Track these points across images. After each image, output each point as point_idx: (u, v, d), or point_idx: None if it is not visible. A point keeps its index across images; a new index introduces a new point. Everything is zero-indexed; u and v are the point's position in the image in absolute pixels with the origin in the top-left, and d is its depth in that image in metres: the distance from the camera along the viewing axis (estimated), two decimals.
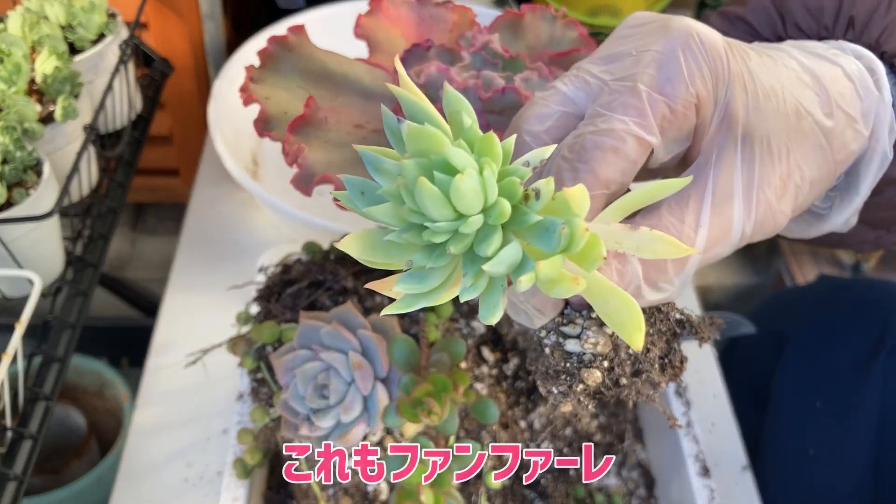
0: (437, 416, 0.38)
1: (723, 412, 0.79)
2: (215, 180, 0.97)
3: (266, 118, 0.45)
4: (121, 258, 1.26)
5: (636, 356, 0.34)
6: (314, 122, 0.42)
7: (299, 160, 0.40)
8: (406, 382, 0.40)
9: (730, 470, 0.75)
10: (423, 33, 0.51)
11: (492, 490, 0.54)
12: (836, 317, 0.86)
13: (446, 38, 0.51)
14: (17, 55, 0.68)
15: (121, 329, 1.26)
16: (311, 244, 0.60)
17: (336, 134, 0.43)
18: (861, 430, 0.77)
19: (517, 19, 0.50)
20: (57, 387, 0.62)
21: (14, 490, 0.55)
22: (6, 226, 0.60)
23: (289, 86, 0.47)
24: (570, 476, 0.62)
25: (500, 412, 0.51)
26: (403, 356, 0.42)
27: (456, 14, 0.52)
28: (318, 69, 0.48)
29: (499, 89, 0.40)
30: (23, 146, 0.63)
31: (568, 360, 0.32)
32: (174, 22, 0.96)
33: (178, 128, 1.08)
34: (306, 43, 0.49)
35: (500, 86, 0.40)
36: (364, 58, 0.49)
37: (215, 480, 0.71)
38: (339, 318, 0.45)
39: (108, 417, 1.15)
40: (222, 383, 0.73)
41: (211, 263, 0.89)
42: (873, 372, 0.78)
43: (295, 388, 0.44)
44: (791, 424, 0.82)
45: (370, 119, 0.45)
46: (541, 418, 0.56)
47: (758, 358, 0.89)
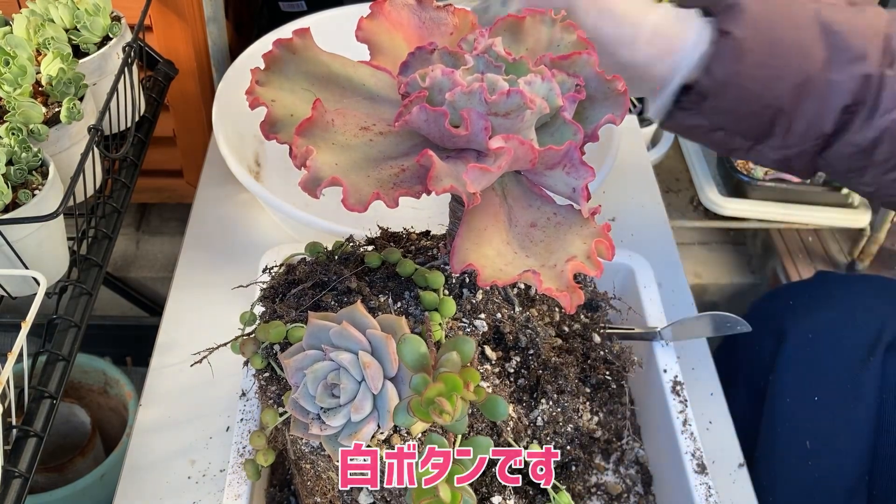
0: (450, 415, 0.39)
1: (719, 410, 0.79)
2: (219, 181, 0.98)
3: (272, 121, 0.46)
4: (125, 258, 1.27)
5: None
6: (321, 124, 0.43)
7: (307, 163, 0.40)
8: (417, 382, 0.41)
9: (726, 467, 0.75)
10: (424, 36, 0.51)
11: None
12: (834, 313, 0.86)
13: (447, 41, 0.51)
14: (22, 57, 0.68)
15: (125, 328, 1.27)
16: (314, 244, 0.60)
17: (343, 136, 0.43)
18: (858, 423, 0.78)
19: (517, 23, 0.50)
20: (61, 385, 0.62)
21: (19, 487, 0.55)
22: (12, 226, 0.60)
23: (294, 88, 0.48)
24: (572, 472, 0.63)
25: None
26: (414, 355, 0.43)
27: (457, 17, 0.53)
28: (322, 72, 0.49)
29: (504, 92, 0.41)
30: (28, 147, 0.64)
31: None
32: (178, 25, 0.97)
33: (181, 129, 1.09)
34: (311, 46, 0.50)
35: (505, 89, 0.41)
36: (367, 60, 0.50)
37: (218, 478, 0.71)
38: (347, 319, 0.46)
39: (112, 416, 1.15)
40: (225, 382, 0.74)
41: (214, 263, 0.89)
42: (870, 367, 0.79)
43: (305, 388, 0.45)
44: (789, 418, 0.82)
45: (376, 121, 0.45)
46: (543, 416, 0.57)
47: (756, 353, 0.90)
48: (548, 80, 0.44)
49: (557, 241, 0.44)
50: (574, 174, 0.44)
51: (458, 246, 0.43)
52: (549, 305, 0.62)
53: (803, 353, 0.85)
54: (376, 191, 0.41)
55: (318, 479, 0.53)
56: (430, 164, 0.41)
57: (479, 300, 0.57)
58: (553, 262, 0.43)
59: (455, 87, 0.42)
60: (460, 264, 0.42)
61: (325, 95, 0.47)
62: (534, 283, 0.41)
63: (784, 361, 0.86)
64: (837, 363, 0.82)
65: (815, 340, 0.85)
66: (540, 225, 0.46)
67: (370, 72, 0.49)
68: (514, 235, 0.45)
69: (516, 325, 0.58)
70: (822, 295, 0.92)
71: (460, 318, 0.56)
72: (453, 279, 0.57)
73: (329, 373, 0.45)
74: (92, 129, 0.69)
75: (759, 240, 1.38)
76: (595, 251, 0.43)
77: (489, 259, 0.43)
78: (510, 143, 0.41)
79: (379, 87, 0.49)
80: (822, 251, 1.33)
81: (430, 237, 0.62)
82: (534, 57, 0.47)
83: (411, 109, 0.42)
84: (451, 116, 0.42)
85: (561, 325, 0.63)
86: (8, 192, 0.61)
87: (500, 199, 0.46)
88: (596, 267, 0.42)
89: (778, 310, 0.94)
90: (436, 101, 0.43)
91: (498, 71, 0.45)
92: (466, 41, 0.47)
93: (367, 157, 0.44)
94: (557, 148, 0.43)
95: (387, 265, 0.58)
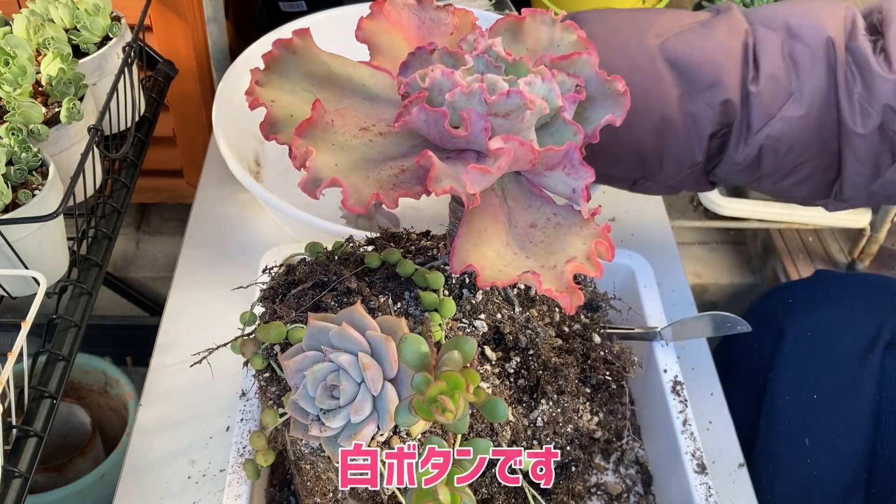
0: (452, 413, 0.39)
1: (719, 410, 0.79)
2: (219, 181, 0.98)
3: (272, 121, 0.46)
4: (125, 258, 1.27)
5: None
6: (321, 125, 0.43)
7: (307, 163, 0.40)
8: (419, 381, 0.41)
9: (726, 467, 0.75)
10: (424, 36, 0.51)
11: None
12: (833, 311, 0.86)
13: (447, 41, 0.51)
14: (22, 57, 0.68)
15: (125, 328, 1.27)
16: (314, 245, 0.60)
17: (342, 137, 0.43)
18: (857, 421, 0.78)
19: (517, 23, 0.50)
20: (62, 385, 0.62)
21: (19, 487, 0.55)
22: (12, 226, 0.60)
23: (294, 89, 0.48)
24: (572, 472, 0.63)
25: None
26: (415, 355, 0.43)
27: (457, 17, 0.52)
28: (322, 72, 0.49)
29: (504, 93, 0.41)
30: (28, 147, 0.64)
31: None
32: (178, 24, 0.97)
33: (181, 129, 1.09)
34: (311, 46, 0.49)
35: (505, 89, 0.41)
36: (367, 60, 0.50)
37: (218, 478, 0.71)
38: (347, 320, 0.45)
39: (113, 415, 1.15)
40: (225, 382, 0.74)
41: (214, 263, 0.90)
42: (870, 365, 0.79)
43: (304, 389, 0.45)
44: (788, 416, 0.83)
45: (376, 122, 0.45)
46: (543, 416, 0.57)
47: (756, 351, 0.90)
48: (548, 81, 0.44)
49: (557, 241, 0.44)
50: (574, 175, 0.44)
51: (458, 246, 0.43)
52: (549, 306, 0.62)
53: (802, 352, 0.85)
54: (376, 191, 0.41)
55: (318, 479, 0.53)
56: (430, 164, 0.41)
57: (478, 301, 0.57)
58: (553, 262, 0.43)
59: (455, 87, 0.42)
60: (460, 265, 0.42)
61: (324, 96, 0.47)
62: (533, 283, 0.41)
63: (783, 359, 0.86)
64: (836, 361, 0.82)
65: (814, 338, 0.85)
66: (540, 226, 0.46)
67: (370, 72, 0.49)
68: (513, 236, 0.45)
69: (516, 325, 0.58)
70: (821, 293, 0.92)
71: (460, 319, 0.56)
72: (453, 279, 0.57)
73: (329, 374, 0.44)
74: (92, 129, 0.69)
75: (759, 240, 1.38)
76: (595, 252, 0.43)
77: (489, 260, 0.43)
78: (510, 143, 0.41)
79: (379, 87, 0.49)
80: (822, 251, 1.33)
81: (430, 237, 0.62)
82: (534, 57, 0.47)
83: (411, 110, 0.42)
84: (450, 117, 0.42)
85: (561, 325, 0.63)
86: (8, 192, 0.61)
87: (500, 199, 0.46)
88: (596, 268, 0.42)
89: (777, 308, 0.94)
90: (436, 102, 0.43)
91: (498, 71, 0.45)
92: (466, 41, 0.47)
93: (367, 157, 0.44)
94: (557, 148, 0.43)
95: (387, 265, 0.58)
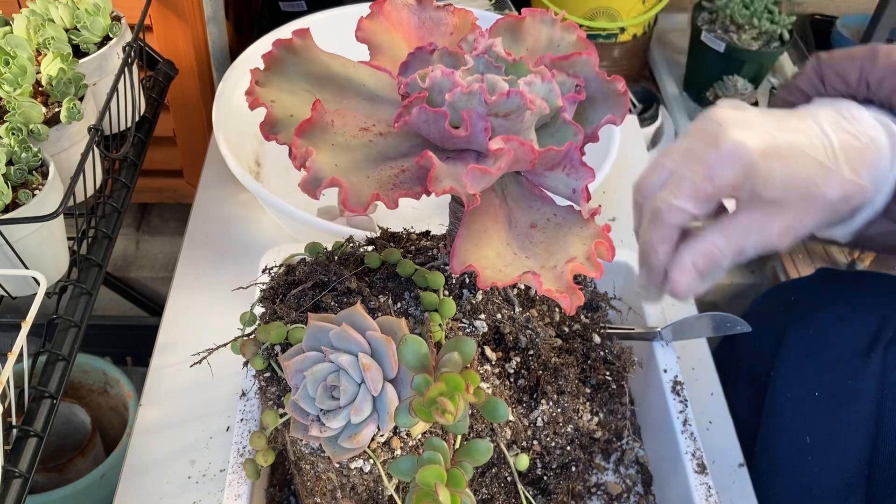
0: (452, 415, 0.39)
1: (719, 410, 0.80)
2: (219, 181, 0.98)
3: (272, 121, 0.46)
4: (125, 258, 1.27)
5: None
6: (321, 125, 0.43)
7: (307, 164, 0.40)
8: (419, 382, 0.41)
9: (726, 467, 0.75)
10: (423, 36, 0.51)
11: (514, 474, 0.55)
12: (834, 310, 0.86)
13: (447, 41, 0.51)
14: (22, 57, 0.68)
15: (125, 328, 1.27)
16: (314, 245, 0.60)
17: (342, 137, 0.43)
18: (858, 420, 0.78)
19: (517, 23, 0.50)
20: (62, 385, 0.62)
21: (19, 487, 0.55)
22: (12, 226, 0.60)
23: (294, 89, 0.48)
24: (572, 472, 0.63)
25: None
26: (415, 356, 0.43)
27: (456, 17, 0.52)
28: (322, 72, 0.49)
29: (504, 93, 0.40)
30: (28, 147, 0.64)
31: None
32: (178, 25, 0.97)
33: (181, 129, 1.09)
34: (311, 46, 0.49)
35: (505, 89, 0.41)
36: (367, 60, 0.50)
37: (218, 478, 0.71)
38: (347, 320, 0.45)
39: (113, 415, 1.15)
40: (225, 382, 0.74)
41: (214, 263, 0.90)
42: (871, 364, 0.79)
43: (305, 390, 0.45)
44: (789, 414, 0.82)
45: (376, 122, 0.45)
46: (543, 416, 0.57)
47: (756, 350, 0.90)
48: (548, 81, 0.44)
49: (557, 242, 0.44)
50: (574, 175, 0.44)
51: (458, 247, 0.43)
52: (549, 306, 0.62)
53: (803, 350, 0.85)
54: (376, 192, 0.41)
55: (318, 479, 0.53)
56: (430, 164, 0.41)
57: (479, 301, 0.57)
58: (553, 263, 0.43)
59: (455, 87, 0.42)
60: (460, 265, 0.42)
61: (324, 96, 0.47)
62: (534, 284, 0.41)
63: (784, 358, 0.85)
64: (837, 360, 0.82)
65: (815, 337, 0.85)
66: (540, 226, 0.46)
67: (370, 72, 0.49)
68: (513, 236, 0.45)
69: (516, 325, 0.58)
70: (822, 292, 0.92)
71: (460, 319, 0.56)
72: (453, 280, 0.57)
73: (329, 374, 0.44)
74: (92, 129, 0.69)
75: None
76: (595, 252, 0.43)
77: (489, 260, 0.43)
78: (510, 144, 0.41)
79: (379, 87, 0.49)
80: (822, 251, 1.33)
81: (430, 237, 0.62)
82: (534, 57, 0.47)
83: (411, 110, 0.42)
84: (450, 117, 0.42)
85: (561, 325, 0.63)
86: (8, 192, 0.61)
87: (500, 200, 0.46)
88: (596, 268, 0.42)
89: (778, 307, 0.94)
90: (436, 102, 0.43)
91: (498, 71, 0.45)
92: (466, 41, 0.47)
93: (367, 157, 0.44)
94: (557, 149, 0.43)
95: (387, 266, 0.58)
